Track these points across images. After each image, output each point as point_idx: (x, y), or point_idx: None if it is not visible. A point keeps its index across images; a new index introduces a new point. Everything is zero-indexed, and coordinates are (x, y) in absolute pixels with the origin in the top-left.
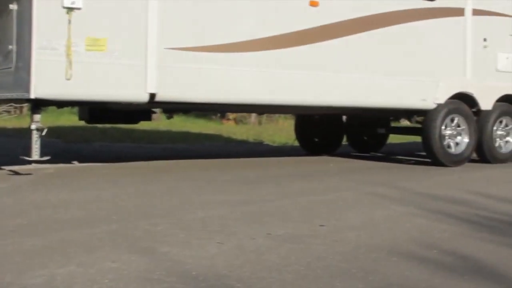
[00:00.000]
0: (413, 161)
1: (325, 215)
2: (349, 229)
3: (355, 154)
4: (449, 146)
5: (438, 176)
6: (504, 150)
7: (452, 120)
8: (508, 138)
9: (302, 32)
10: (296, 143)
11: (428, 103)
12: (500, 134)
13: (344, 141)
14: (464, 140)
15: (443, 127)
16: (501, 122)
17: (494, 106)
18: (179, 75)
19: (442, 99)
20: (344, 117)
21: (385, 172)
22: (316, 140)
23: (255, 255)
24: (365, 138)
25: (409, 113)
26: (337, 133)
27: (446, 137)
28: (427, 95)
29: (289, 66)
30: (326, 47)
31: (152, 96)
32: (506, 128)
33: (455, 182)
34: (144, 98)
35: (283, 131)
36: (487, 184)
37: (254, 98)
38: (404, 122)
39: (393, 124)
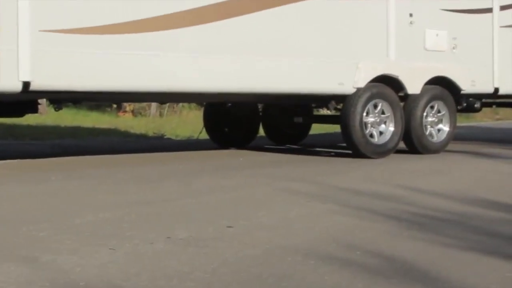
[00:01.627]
0: (333, 153)
1: (233, 215)
2: (261, 229)
3: (270, 146)
4: (372, 135)
5: (360, 169)
6: (436, 139)
7: (375, 106)
8: (440, 126)
9: (193, 11)
10: (203, 137)
11: (346, 88)
12: (432, 121)
13: (262, 133)
14: (389, 128)
15: (364, 114)
16: (432, 107)
17: (424, 90)
18: (57, 61)
19: (362, 83)
20: (260, 106)
21: (301, 166)
22: (228, 131)
23: (153, 261)
24: (284, 128)
25: (326, 99)
26: (252, 123)
27: (369, 125)
28: (345, 78)
29: (178, 48)
30: (222, 27)
31: (26, 84)
32: (439, 114)
33: (379, 175)
34: (17, 87)
35: (188, 123)
36: (415, 177)
37: (141, 85)
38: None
39: (316, 113)
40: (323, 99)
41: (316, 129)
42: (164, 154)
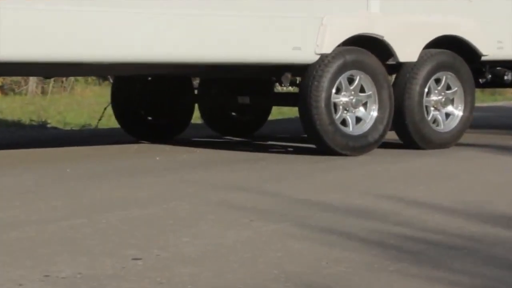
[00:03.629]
0: (291, 149)
1: (144, 242)
2: (182, 263)
3: (206, 139)
4: (344, 122)
5: (329, 171)
6: (443, 127)
7: (350, 81)
8: (450, 108)
9: None
10: (107, 125)
11: (305, 54)
12: (437, 101)
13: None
14: (371, 113)
15: (333, 91)
16: (438, 81)
17: (424, 56)
18: None
19: (328, 47)
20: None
21: (245, 168)
22: (146, 116)
23: None
24: (230, 113)
25: (277, 70)
26: (184, 105)
27: (340, 108)
28: (303, 40)
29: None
30: None
31: None
32: (448, 91)
33: (356, 181)
34: None
35: (83, 105)
36: (408, 183)
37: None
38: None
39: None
40: (274, 71)
41: (284, 113)
42: (46, 152)
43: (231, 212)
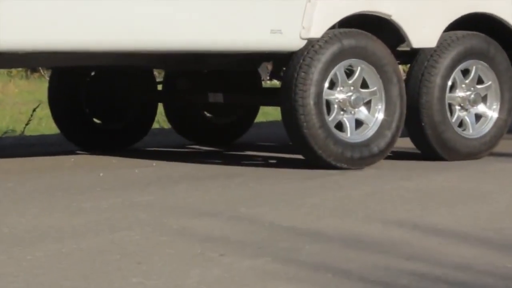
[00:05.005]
0: (275, 161)
1: (82, 283)
2: None
3: (167, 149)
4: (341, 127)
5: (322, 190)
6: (473, 131)
7: (349, 73)
8: (482, 108)
9: None
10: (37, 132)
11: (287, 38)
12: (464, 99)
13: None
14: (376, 114)
15: (325, 86)
16: (466, 72)
17: (447, 39)
18: None
19: (318, 29)
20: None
21: (216, 186)
22: (98, 121)
23: None
24: (207, 114)
25: (255, 60)
26: (143, 106)
27: (335, 108)
28: (284, 21)
29: None
30: None
31: None
32: (479, 86)
33: (356, 204)
34: None
35: (6, 105)
36: (424, 206)
37: None
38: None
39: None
40: (253, 61)
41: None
42: None
43: (195, 244)
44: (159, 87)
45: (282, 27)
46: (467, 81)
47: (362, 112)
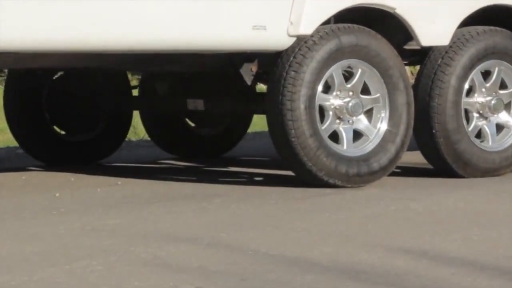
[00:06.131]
0: (261, 178)
1: None
2: None
3: (138, 165)
4: (336, 137)
5: (316, 212)
6: (493, 144)
7: (347, 76)
8: (505, 116)
9: None
10: None
11: (272, 36)
12: (483, 105)
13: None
14: (378, 125)
15: (319, 89)
16: (486, 75)
17: (465, 35)
18: None
19: (309, 24)
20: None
21: (192, 208)
22: (61, 132)
23: None
24: (190, 123)
25: (236, 60)
26: (116, 113)
27: (330, 115)
28: (269, 16)
29: None
30: None
31: None
32: (502, 92)
33: (356, 228)
34: None
35: None
36: (434, 231)
37: None
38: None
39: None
40: (234, 62)
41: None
42: None
43: (168, 276)
44: (135, 92)
45: (266, 23)
46: (488, 85)
47: (361, 121)
